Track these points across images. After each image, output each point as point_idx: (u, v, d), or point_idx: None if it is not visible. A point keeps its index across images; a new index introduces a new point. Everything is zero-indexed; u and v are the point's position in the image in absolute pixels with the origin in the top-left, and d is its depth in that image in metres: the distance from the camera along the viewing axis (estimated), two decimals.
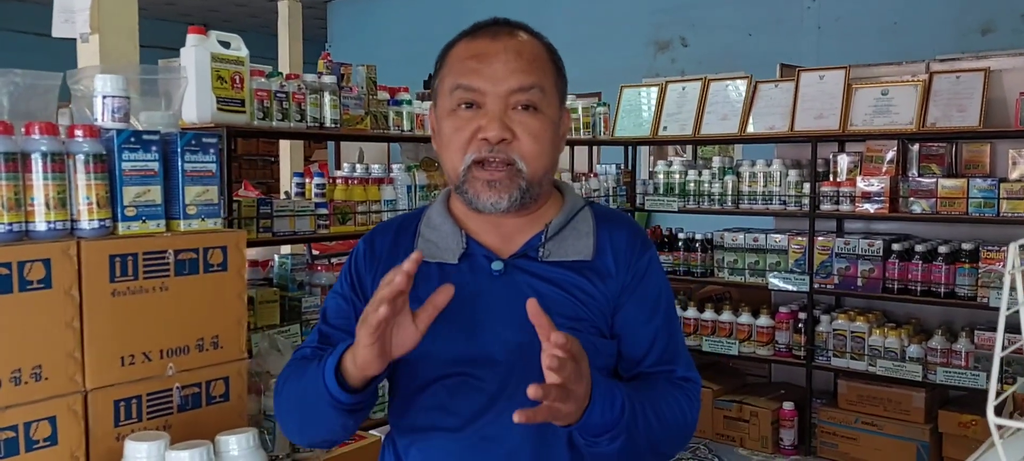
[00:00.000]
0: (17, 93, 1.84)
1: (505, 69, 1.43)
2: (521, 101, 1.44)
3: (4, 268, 1.66)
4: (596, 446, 1.36)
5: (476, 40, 1.48)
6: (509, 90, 1.43)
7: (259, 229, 3.15)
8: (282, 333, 3.12)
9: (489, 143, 1.42)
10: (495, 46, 1.45)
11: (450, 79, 1.47)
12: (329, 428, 1.44)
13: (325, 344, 1.53)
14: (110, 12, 3.56)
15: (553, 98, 1.49)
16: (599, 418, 1.32)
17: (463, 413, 1.45)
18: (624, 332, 1.51)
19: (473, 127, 1.44)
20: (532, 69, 1.45)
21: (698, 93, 5.18)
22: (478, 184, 1.45)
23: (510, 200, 1.44)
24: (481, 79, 1.43)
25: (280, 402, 1.52)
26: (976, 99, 4.30)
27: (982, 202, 4.21)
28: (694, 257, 5.19)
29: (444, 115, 1.48)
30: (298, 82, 3.30)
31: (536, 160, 1.45)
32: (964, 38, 6.60)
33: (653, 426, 1.41)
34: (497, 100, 1.43)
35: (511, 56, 1.44)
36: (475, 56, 1.45)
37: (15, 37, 10.58)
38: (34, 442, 1.71)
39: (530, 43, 1.49)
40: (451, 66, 1.48)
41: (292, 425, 1.50)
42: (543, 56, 1.49)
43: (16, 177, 1.68)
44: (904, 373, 4.41)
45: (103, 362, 1.81)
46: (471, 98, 1.44)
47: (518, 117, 1.44)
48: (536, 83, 1.45)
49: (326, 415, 1.39)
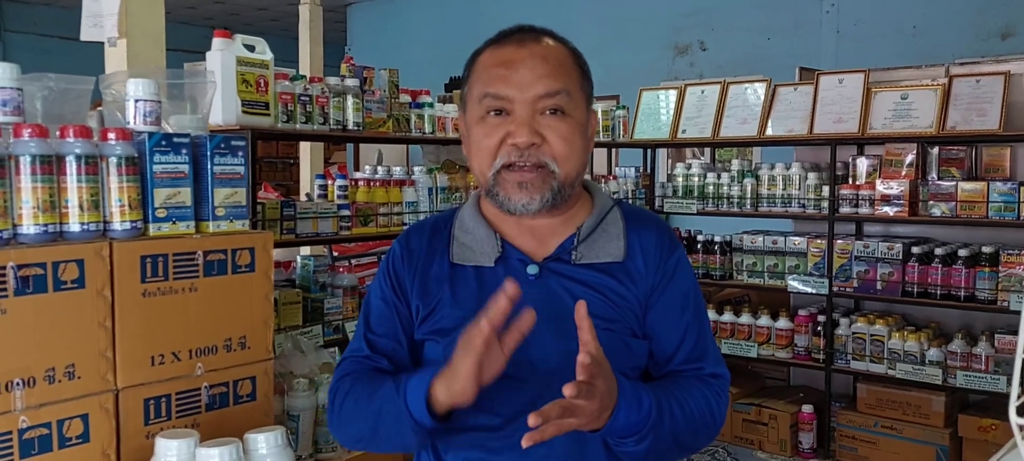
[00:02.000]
0: (51, 97, 1.88)
1: (532, 75, 1.45)
2: (549, 106, 1.46)
3: (39, 268, 1.70)
4: (623, 446, 1.40)
5: (502, 48, 1.50)
6: (536, 96, 1.45)
7: (282, 230, 3.18)
8: (305, 334, 3.15)
9: (519, 148, 1.45)
10: (521, 53, 1.47)
11: (478, 87, 1.50)
12: (403, 446, 1.48)
13: (375, 352, 1.56)
14: (137, 17, 3.61)
15: (580, 101, 1.51)
16: (625, 420, 1.36)
17: (503, 413, 1.47)
18: (654, 331, 1.53)
19: (502, 133, 1.46)
20: (559, 74, 1.47)
21: (717, 96, 5.19)
22: (509, 186, 1.47)
23: (541, 201, 1.47)
24: (508, 86, 1.45)
25: (341, 414, 1.53)
26: (996, 103, 4.29)
27: (1002, 205, 4.20)
28: (713, 260, 5.19)
29: (474, 122, 1.51)
30: (321, 85, 3.33)
31: (567, 162, 1.48)
32: (984, 42, 6.57)
33: (680, 423, 1.44)
34: (525, 106, 1.45)
35: (537, 62, 1.46)
36: (502, 63, 1.47)
37: (42, 41, 10.70)
38: (67, 439, 1.75)
39: (556, 48, 1.51)
40: (479, 74, 1.51)
41: (355, 436, 1.53)
42: (569, 61, 1.52)
43: (51, 179, 1.71)
44: (924, 377, 4.40)
45: (134, 361, 1.85)
46: (500, 105, 1.46)
47: (546, 121, 1.46)
48: (563, 87, 1.47)
49: (405, 437, 1.44)
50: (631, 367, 1.53)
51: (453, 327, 1.50)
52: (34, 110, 1.87)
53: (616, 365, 1.49)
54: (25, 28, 10.86)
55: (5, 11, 10.81)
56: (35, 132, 1.69)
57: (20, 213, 1.70)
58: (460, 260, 1.53)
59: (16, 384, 1.68)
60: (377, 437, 1.49)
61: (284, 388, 2.40)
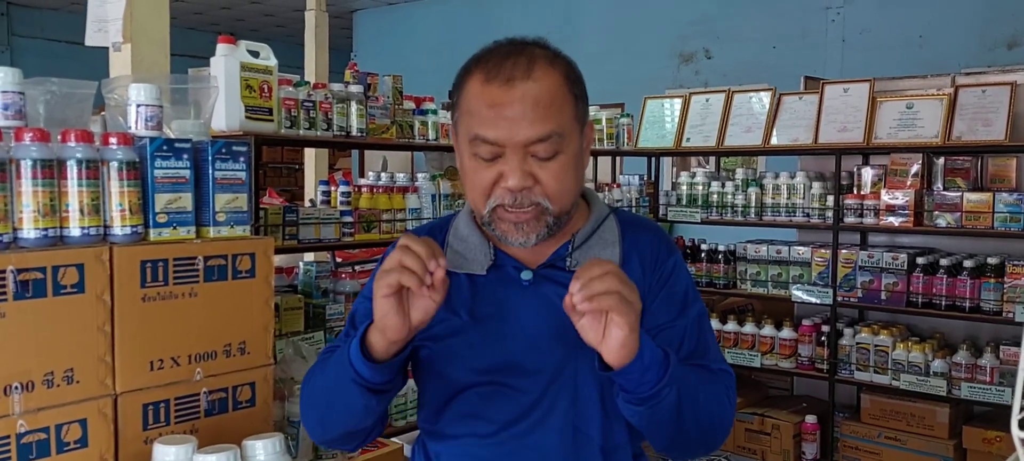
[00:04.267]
0: (53, 101, 1.88)
1: (523, 120, 1.40)
2: (540, 151, 1.42)
3: (39, 272, 1.69)
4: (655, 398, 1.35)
5: (490, 86, 1.43)
6: (527, 140, 1.41)
7: (285, 236, 3.18)
8: (306, 340, 3.15)
9: (512, 192, 1.42)
10: (511, 95, 1.41)
11: (467, 123, 1.45)
12: (351, 412, 1.45)
13: None
14: (142, 22, 3.62)
15: (573, 134, 1.47)
16: (651, 356, 1.33)
17: (497, 420, 1.47)
18: (653, 334, 1.52)
19: (494, 173, 1.43)
20: (549, 116, 1.42)
21: (722, 105, 5.18)
22: (504, 225, 1.45)
23: (538, 237, 1.46)
24: (498, 131, 1.41)
25: (305, 397, 1.54)
26: (1002, 113, 4.28)
27: (1008, 216, 4.18)
28: (717, 268, 5.18)
29: (465, 153, 1.48)
30: (325, 91, 3.33)
31: (561, 198, 1.45)
32: (990, 52, 6.56)
33: (698, 392, 1.42)
34: (516, 150, 1.41)
35: (528, 107, 1.40)
36: (491, 105, 1.41)
37: (49, 45, 10.75)
38: (65, 444, 1.75)
39: (545, 82, 1.43)
40: (468, 105, 1.46)
41: (314, 417, 1.53)
42: (560, 92, 1.44)
43: (52, 183, 1.71)
44: (928, 388, 4.38)
45: (133, 366, 1.84)
46: (491, 152, 1.42)
47: (539, 164, 1.42)
48: (553, 131, 1.42)
49: (350, 396, 1.41)
50: None
51: (445, 334, 1.50)
52: (37, 114, 1.87)
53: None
54: (33, 33, 10.91)
55: (13, 16, 10.85)
56: (36, 136, 1.70)
57: (20, 217, 1.69)
58: (454, 267, 1.52)
59: (14, 388, 1.68)
60: (330, 408, 1.48)
61: (285, 394, 2.39)
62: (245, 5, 10.96)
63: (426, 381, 1.55)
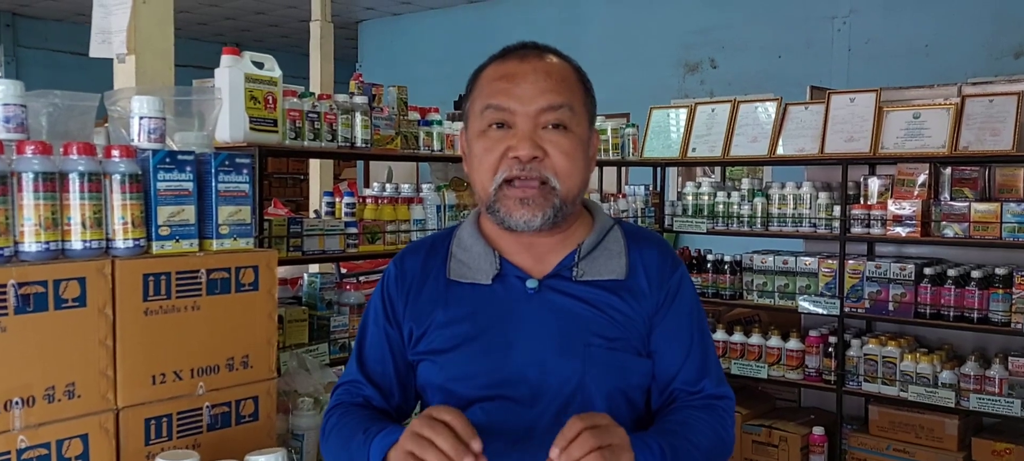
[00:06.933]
0: (56, 114, 1.87)
1: (534, 88, 1.44)
2: (551, 120, 1.44)
3: (40, 286, 1.68)
4: None
5: (506, 62, 1.49)
6: (539, 109, 1.44)
7: (289, 247, 3.17)
8: (310, 352, 3.13)
9: (520, 162, 1.43)
10: (524, 67, 1.46)
11: (480, 101, 1.49)
12: None
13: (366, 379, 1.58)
14: (147, 34, 3.61)
15: (582, 118, 1.50)
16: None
17: (503, 435, 1.45)
18: (658, 350, 1.51)
19: (504, 146, 1.44)
20: (561, 88, 1.46)
21: (727, 115, 5.16)
22: (510, 202, 1.45)
23: (543, 218, 1.45)
24: (511, 99, 1.44)
25: (326, 445, 1.58)
26: (1009, 123, 4.25)
27: (1016, 227, 4.15)
28: (723, 279, 5.16)
29: (475, 136, 1.49)
30: (330, 102, 3.32)
31: (568, 178, 1.46)
32: (997, 61, 6.53)
33: (699, 452, 1.43)
34: (527, 119, 1.44)
35: (540, 76, 1.45)
36: (504, 76, 1.47)
37: (54, 56, 10.79)
38: (66, 459, 1.73)
39: (559, 64, 1.50)
40: (481, 88, 1.50)
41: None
42: (572, 77, 1.51)
43: (54, 196, 1.70)
44: (936, 399, 4.34)
45: (135, 380, 1.83)
46: (501, 118, 1.45)
47: (548, 136, 1.45)
48: (565, 102, 1.46)
49: None
50: (635, 386, 1.51)
51: (447, 347, 1.49)
52: (39, 127, 1.86)
53: (619, 384, 1.47)
54: (37, 44, 10.94)
55: (18, 27, 10.88)
56: (38, 149, 1.68)
57: (22, 230, 1.68)
58: (457, 277, 1.52)
59: (15, 403, 1.66)
60: None
61: (289, 406, 2.38)
62: (250, 16, 10.98)
63: (431, 397, 1.54)
